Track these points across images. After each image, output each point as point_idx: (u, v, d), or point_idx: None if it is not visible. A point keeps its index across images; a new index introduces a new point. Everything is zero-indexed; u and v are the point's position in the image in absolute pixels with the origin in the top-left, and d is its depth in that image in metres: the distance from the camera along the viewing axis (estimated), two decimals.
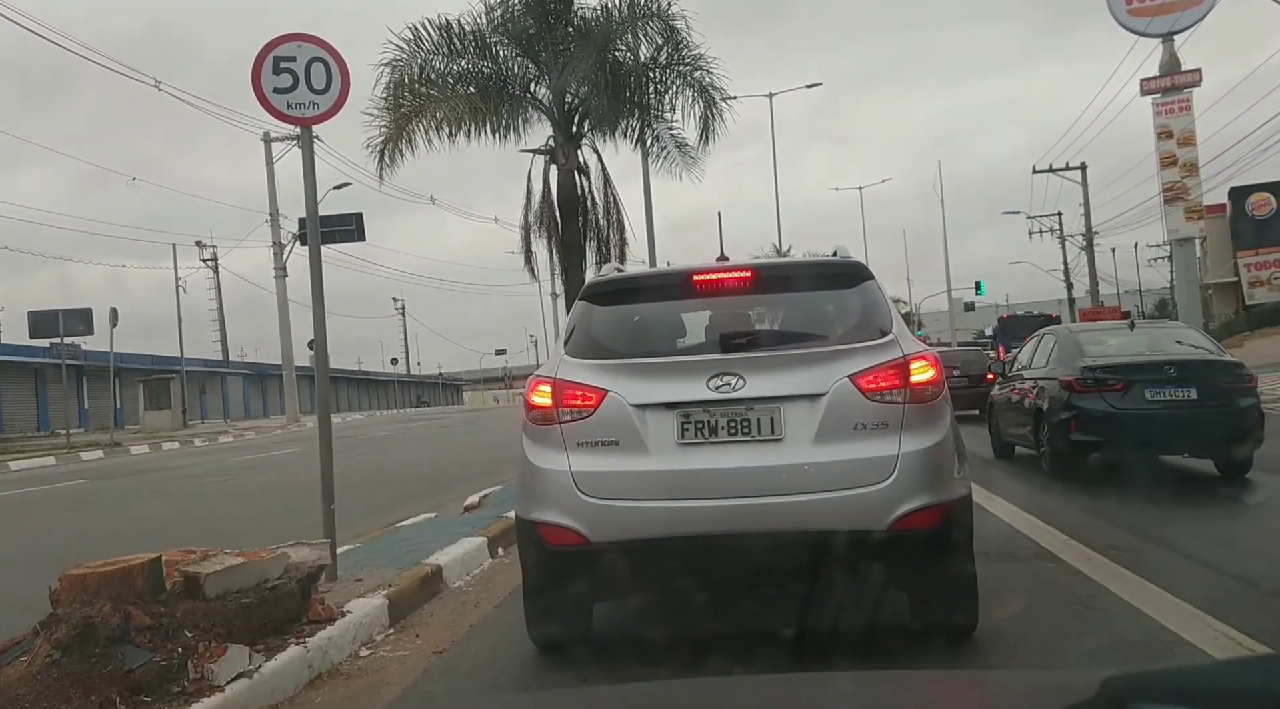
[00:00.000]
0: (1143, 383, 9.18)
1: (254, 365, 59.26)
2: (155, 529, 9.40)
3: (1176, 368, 9.29)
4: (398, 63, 12.97)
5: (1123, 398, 9.18)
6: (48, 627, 3.82)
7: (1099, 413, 9.24)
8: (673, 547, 3.99)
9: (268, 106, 6.01)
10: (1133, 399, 9.12)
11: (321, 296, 6.28)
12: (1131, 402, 9.12)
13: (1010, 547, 6.30)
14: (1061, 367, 10.03)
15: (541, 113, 13.72)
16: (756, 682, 1.94)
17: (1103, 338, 10.71)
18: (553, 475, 4.13)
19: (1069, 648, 4.28)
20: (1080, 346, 10.13)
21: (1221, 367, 9.49)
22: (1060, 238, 47.60)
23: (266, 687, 4.03)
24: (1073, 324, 14.16)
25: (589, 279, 6.08)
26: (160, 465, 20.50)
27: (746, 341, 4.30)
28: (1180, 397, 9.08)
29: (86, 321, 28.63)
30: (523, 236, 14.77)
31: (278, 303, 38.79)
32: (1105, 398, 9.26)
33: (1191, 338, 10.55)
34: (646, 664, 4.09)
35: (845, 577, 3.89)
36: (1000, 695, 1.51)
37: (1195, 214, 28.62)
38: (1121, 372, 9.40)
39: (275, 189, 38.66)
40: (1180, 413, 9.01)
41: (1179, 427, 9.02)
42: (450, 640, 4.99)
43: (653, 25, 13.38)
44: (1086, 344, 10.25)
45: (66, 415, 31.76)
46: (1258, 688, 0.92)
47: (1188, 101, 28.06)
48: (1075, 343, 10.32)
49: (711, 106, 13.71)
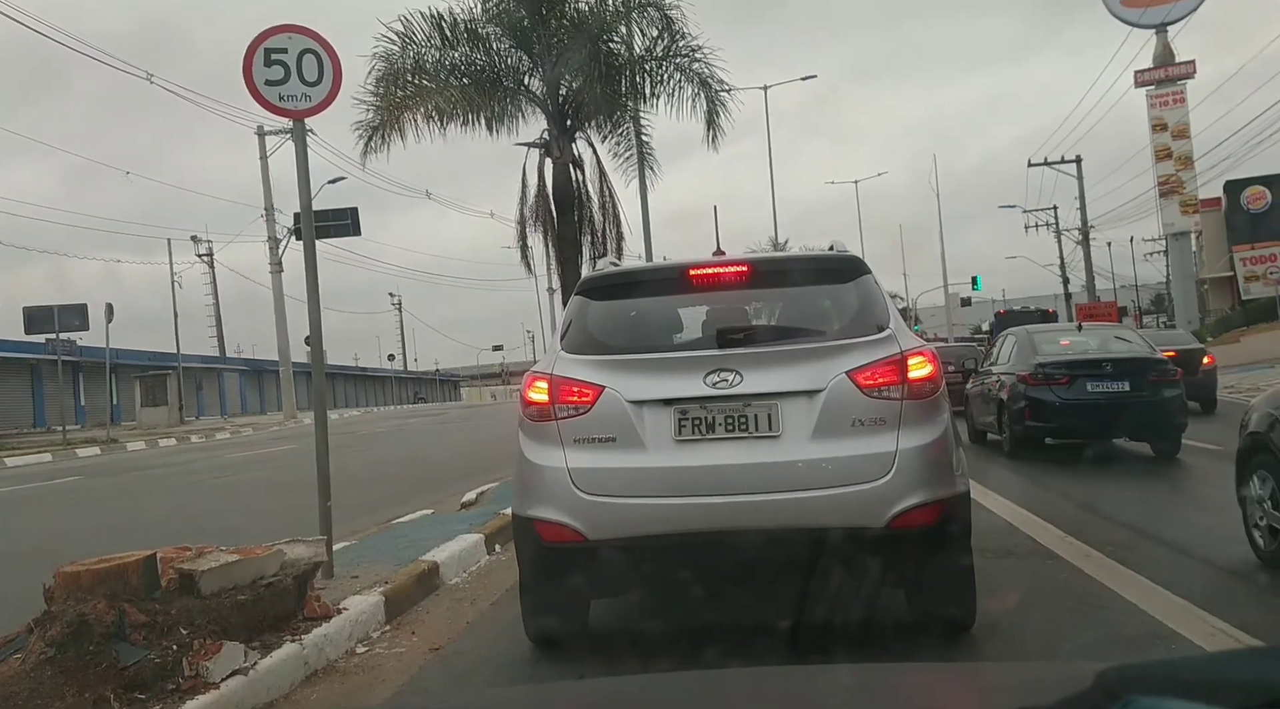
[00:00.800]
0: (1085, 377, 10.80)
1: (251, 361, 59.21)
2: (151, 526, 9.38)
3: (1113, 364, 10.93)
4: (390, 55, 12.93)
5: (1068, 390, 10.80)
6: (42, 624, 3.81)
7: (1048, 403, 10.84)
8: (670, 544, 3.98)
9: (259, 99, 5.96)
10: (1076, 391, 10.74)
11: (317, 292, 6.25)
12: (1075, 393, 10.73)
13: (1008, 543, 6.31)
14: (1019, 363, 11.64)
15: (536, 106, 13.69)
16: (753, 674, 1.94)
17: (1055, 338, 12.52)
18: (549, 472, 4.12)
19: (1065, 642, 4.29)
20: (1035, 345, 11.84)
21: (1151, 363, 11.04)
22: (1056, 232, 47.63)
23: (262, 684, 4.02)
24: (1030, 326, 15.99)
25: (585, 274, 6.07)
26: (157, 462, 20.47)
27: (743, 337, 4.27)
28: (1116, 389, 10.66)
29: (82, 317, 28.57)
30: (518, 231, 14.78)
31: (274, 298, 38.74)
32: (1053, 390, 10.88)
33: (1130, 337, 12.50)
34: (643, 660, 4.09)
35: (843, 573, 3.88)
36: (996, 688, 1.51)
37: (1190, 208, 28.66)
38: (1067, 368, 11.03)
39: (270, 183, 38.57)
40: (1115, 402, 10.55)
41: (1114, 414, 10.58)
42: (447, 637, 4.99)
43: (649, 15, 13.33)
44: (1040, 343, 11.97)
45: (63, 411, 31.69)
46: (1250, 679, 0.92)
47: (1182, 94, 28.07)
48: (1031, 342, 12.01)
49: (714, 101, 13.67)
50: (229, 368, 56.48)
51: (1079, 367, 11.04)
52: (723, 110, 13.78)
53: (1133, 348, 11.77)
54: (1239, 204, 35.85)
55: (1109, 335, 12.61)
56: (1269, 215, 35.61)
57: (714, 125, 13.83)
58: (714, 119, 13.77)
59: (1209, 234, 36.71)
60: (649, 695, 1.60)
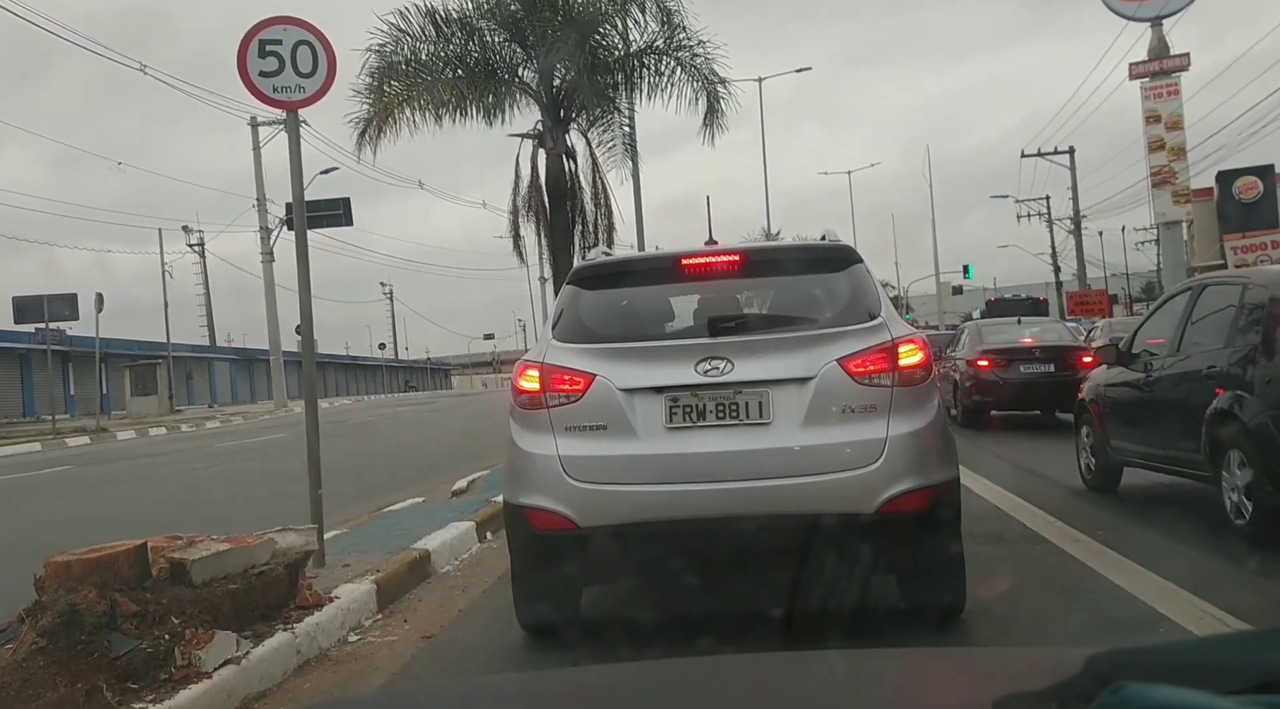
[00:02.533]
0: (1019, 361, 13.88)
1: (241, 350, 58.96)
2: (141, 515, 9.36)
3: (1041, 351, 13.96)
4: (384, 48, 12.89)
5: (1005, 371, 13.81)
6: (33, 614, 3.80)
7: (989, 381, 13.88)
8: (661, 531, 3.99)
9: (253, 90, 5.94)
10: (1012, 372, 13.80)
11: (308, 281, 6.24)
12: (1011, 374, 13.79)
13: (998, 528, 6.34)
14: (969, 350, 14.62)
15: (530, 97, 13.66)
16: (746, 660, 1.95)
17: (999, 330, 15.67)
18: (540, 460, 4.12)
19: (1056, 627, 4.32)
20: (982, 335, 15.00)
21: (1073, 349, 13.97)
22: (1048, 222, 47.70)
23: (254, 673, 4.02)
24: (981, 320, 19.98)
25: (577, 263, 6.06)
26: (147, 451, 20.41)
27: (735, 325, 4.27)
28: (1043, 370, 13.65)
29: (72, 307, 28.39)
30: (511, 221, 14.76)
31: (265, 288, 38.61)
32: (994, 371, 13.86)
33: (1058, 330, 16.09)
34: (636, 646, 4.10)
35: (834, 559, 3.89)
36: (987, 673, 1.52)
37: (1183, 198, 28.67)
38: (1006, 353, 14.06)
39: (262, 173, 38.37)
40: (1043, 381, 13.49)
41: (1041, 391, 13.57)
42: (439, 625, 4.99)
43: (647, 7, 13.27)
44: (986, 334, 15.08)
45: (52, 401, 31.52)
46: (1241, 663, 0.93)
47: (1176, 86, 28.05)
48: (979, 333, 15.21)
49: (715, 97, 13.64)
50: (219, 357, 56.25)
51: (1015, 352, 14.03)
52: (722, 107, 13.76)
53: (1059, 338, 14.87)
54: (1231, 194, 35.91)
55: (1041, 328, 15.78)
56: (1260, 204, 35.68)
57: (713, 123, 13.81)
58: (714, 117, 13.74)
59: (1200, 223, 36.78)
60: (641, 682, 1.60)
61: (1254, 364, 5.74)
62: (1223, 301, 6.41)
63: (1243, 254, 28.75)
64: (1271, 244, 27.71)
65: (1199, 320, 6.66)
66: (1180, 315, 6.91)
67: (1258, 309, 5.90)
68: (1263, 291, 5.97)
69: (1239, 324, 6.05)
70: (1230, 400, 5.81)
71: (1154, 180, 28.32)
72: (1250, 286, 6.19)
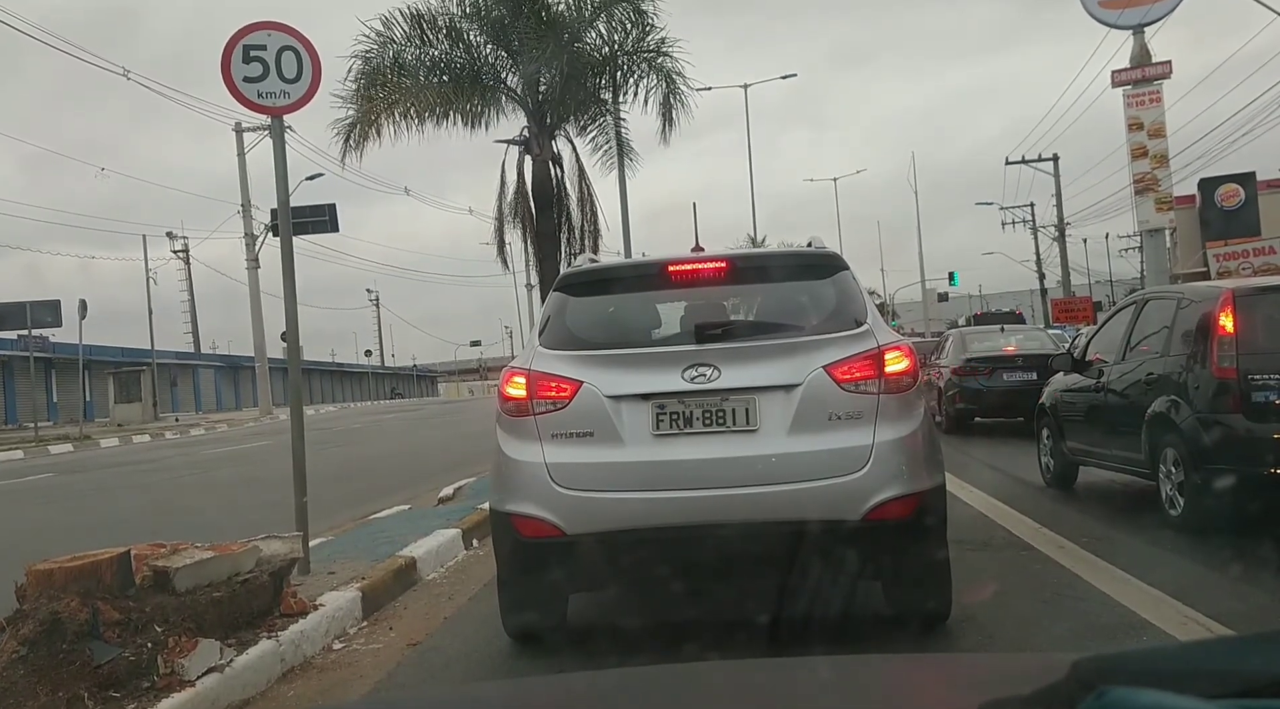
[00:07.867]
0: (1002, 369, 14.05)
1: (226, 357, 58.67)
2: (125, 523, 9.30)
3: (1023, 359, 14.02)
4: (368, 54, 12.89)
5: (989, 379, 14.01)
6: (14, 622, 3.77)
7: (973, 389, 14.11)
8: (647, 538, 3.98)
9: (238, 96, 5.92)
10: (995, 380, 13.99)
11: (293, 288, 6.22)
12: (994, 382, 13.98)
13: (984, 535, 6.36)
14: (953, 358, 14.79)
15: (515, 103, 13.68)
16: (733, 667, 1.94)
17: (983, 338, 15.71)
18: (527, 467, 4.11)
19: (1040, 633, 4.33)
20: (966, 344, 15.06)
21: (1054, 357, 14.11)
22: (1033, 229, 47.95)
23: (238, 681, 3.99)
24: (965, 328, 19.95)
25: (564, 270, 6.06)
26: (131, 458, 20.26)
27: (721, 332, 4.27)
28: (1025, 378, 13.49)
29: (55, 313, 28.22)
30: (496, 227, 14.78)
31: (250, 294, 38.43)
32: (978, 379, 14.08)
33: (1039, 338, 16.20)
34: (622, 653, 4.09)
35: (820, 566, 3.90)
36: (972, 678, 1.52)
37: (1165, 205, 28.87)
38: (989, 362, 14.23)
39: (247, 179, 38.18)
40: (1025, 389, 12.90)
41: (1024, 398, 12.35)
42: (424, 632, 4.97)
43: (622, 9, 13.35)
44: (970, 342, 15.17)
45: (35, 408, 31.34)
46: (1224, 668, 0.93)
47: (1158, 94, 28.27)
48: (963, 341, 15.29)
49: (673, 93, 13.76)
50: (204, 364, 55.96)
51: (998, 361, 14.23)
52: (680, 106, 13.92)
53: (1041, 346, 14.79)
54: (1213, 201, 36.19)
55: (1024, 336, 16.01)
56: (1241, 212, 35.98)
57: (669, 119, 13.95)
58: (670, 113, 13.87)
59: (1183, 231, 37.05)
60: (627, 689, 1.60)
61: (1188, 371, 6.36)
62: (1162, 314, 7.04)
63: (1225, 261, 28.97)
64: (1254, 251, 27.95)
65: (1141, 331, 7.28)
66: (1126, 326, 7.53)
67: (1190, 322, 6.49)
68: (1195, 306, 6.55)
69: (1174, 335, 6.66)
70: (1166, 404, 6.45)
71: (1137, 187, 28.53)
72: (1184, 301, 6.80)
